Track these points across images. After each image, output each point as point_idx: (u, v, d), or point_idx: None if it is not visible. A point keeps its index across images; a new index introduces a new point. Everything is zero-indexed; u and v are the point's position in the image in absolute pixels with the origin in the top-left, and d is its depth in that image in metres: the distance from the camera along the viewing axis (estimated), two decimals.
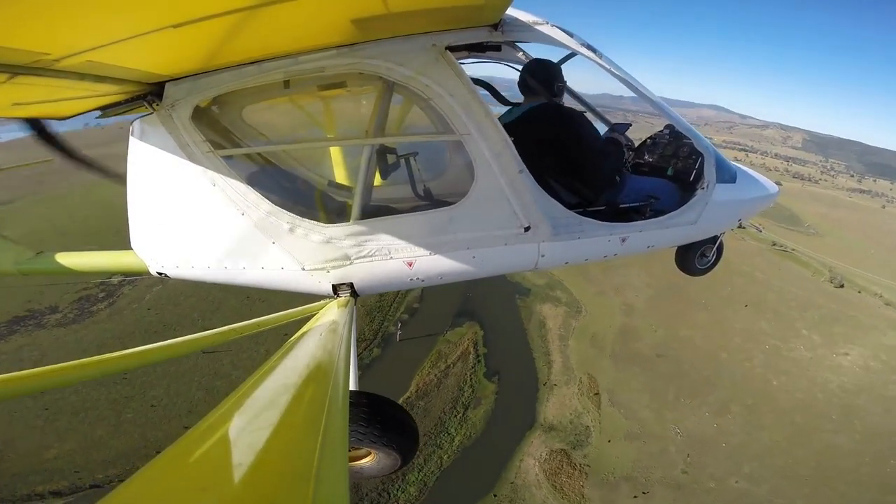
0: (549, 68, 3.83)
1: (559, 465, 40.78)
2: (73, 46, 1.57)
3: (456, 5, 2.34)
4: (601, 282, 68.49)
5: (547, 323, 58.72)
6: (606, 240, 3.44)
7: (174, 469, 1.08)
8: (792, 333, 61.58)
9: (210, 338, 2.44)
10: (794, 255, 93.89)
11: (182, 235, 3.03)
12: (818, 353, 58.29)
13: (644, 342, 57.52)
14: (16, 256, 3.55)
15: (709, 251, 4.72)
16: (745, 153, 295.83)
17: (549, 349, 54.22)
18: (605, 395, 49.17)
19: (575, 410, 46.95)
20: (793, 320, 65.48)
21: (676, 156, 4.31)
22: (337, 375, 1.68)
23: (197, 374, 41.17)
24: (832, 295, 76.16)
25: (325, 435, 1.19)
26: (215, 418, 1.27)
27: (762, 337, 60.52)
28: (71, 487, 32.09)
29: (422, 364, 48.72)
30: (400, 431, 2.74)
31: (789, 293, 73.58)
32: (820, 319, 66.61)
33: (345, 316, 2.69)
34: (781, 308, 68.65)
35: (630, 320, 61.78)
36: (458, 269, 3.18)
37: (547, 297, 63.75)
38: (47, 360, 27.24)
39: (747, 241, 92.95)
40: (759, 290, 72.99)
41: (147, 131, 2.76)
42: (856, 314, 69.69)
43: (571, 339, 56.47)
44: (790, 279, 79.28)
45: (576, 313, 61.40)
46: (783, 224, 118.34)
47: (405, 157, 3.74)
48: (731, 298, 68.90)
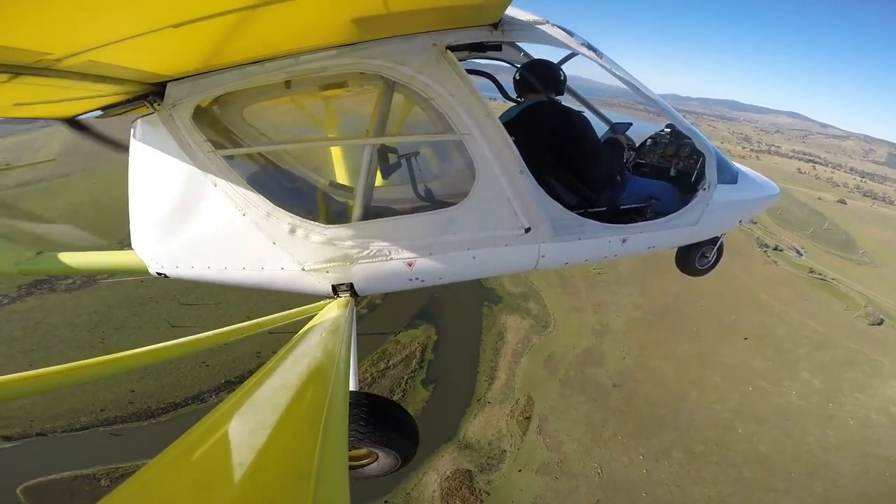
0: (546, 67, 3.84)
1: (458, 486, 37.77)
2: (75, 46, 1.58)
3: (456, 5, 2.36)
4: (583, 296, 62.83)
5: (506, 336, 53.79)
6: (607, 241, 3.44)
7: (174, 469, 1.08)
8: (788, 375, 53.18)
9: (211, 338, 2.46)
10: (832, 285, 79.65)
11: (182, 235, 3.03)
12: (811, 400, 50.26)
13: (604, 369, 51.05)
14: (16, 256, 3.56)
15: (709, 252, 4.71)
16: (813, 164, 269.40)
17: (497, 364, 49.78)
18: (536, 420, 44.52)
19: (498, 432, 43.33)
20: (796, 360, 56.13)
21: (677, 156, 4.34)
22: (337, 376, 1.68)
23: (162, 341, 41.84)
24: (861, 333, 64.35)
25: (326, 435, 1.20)
26: (215, 418, 1.28)
27: (749, 376, 52.43)
28: (21, 434, 34.51)
29: (362, 362, 45.22)
30: (400, 431, 2.74)
31: (805, 328, 63.17)
32: (831, 361, 56.94)
33: (345, 316, 2.70)
34: (787, 345, 58.77)
35: (599, 343, 54.99)
36: (458, 270, 3.20)
37: (517, 307, 58.47)
38: (47, 322, 30.84)
39: (780, 265, 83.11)
40: (770, 323, 63.16)
41: (148, 131, 2.77)
42: (882, 358, 58.38)
43: (526, 355, 51.21)
44: (813, 312, 67.99)
45: (541, 329, 55.67)
46: (832, 249, 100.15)
47: (406, 158, 3.76)
48: (732, 329, 60.34)
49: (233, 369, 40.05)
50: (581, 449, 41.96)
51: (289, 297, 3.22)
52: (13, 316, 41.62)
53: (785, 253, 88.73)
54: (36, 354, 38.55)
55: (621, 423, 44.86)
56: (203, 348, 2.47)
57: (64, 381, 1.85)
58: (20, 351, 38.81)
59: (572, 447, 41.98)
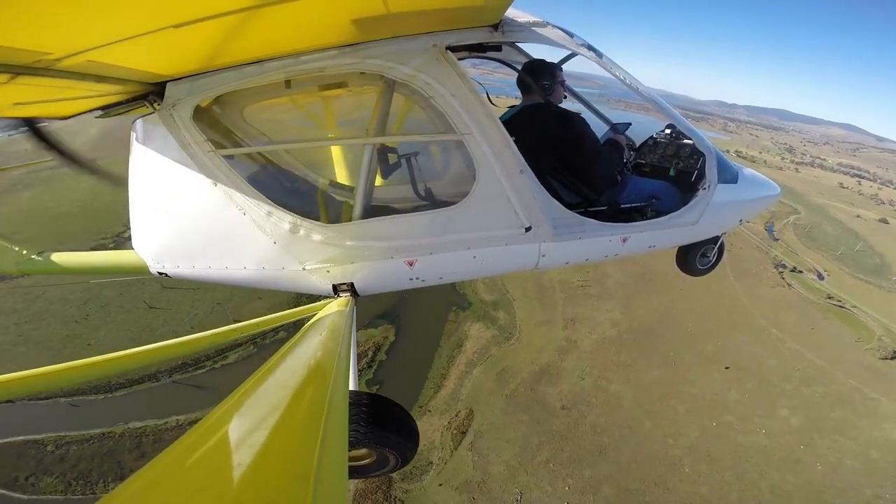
0: (544, 68, 3.85)
1: (375, 489, 36.73)
2: (75, 46, 1.58)
3: (456, 6, 2.37)
4: (557, 309, 58.78)
5: (465, 344, 51.33)
6: (607, 240, 3.46)
7: (174, 469, 1.08)
8: (764, 411, 48.45)
9: (210, 338, 2.46)
10: (850, 313, 71.54)
11: (183, 235, 3.03)
12: (780, 441, 45.21)
13: (557, 389, 47.50)
14: (16, 256, 3.56)
15: (710, 251, 4.71)
16: (858, 180, 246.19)
17: (448, 372, 47.64)
18: (471, 435, 42.14)
19: (430, 443, 41.06)
20: (778, 395, 50.97)
21: (678, 156, 4.35)
22: (337, 375, 1.69)
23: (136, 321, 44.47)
24: (867, 368, 58.24)
25: (325, 435, 1.20)
26: (215, 418, 1.28)
27: (717, 410, 47.75)
28: None
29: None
30: (400, 431, 2.74)
31: (801, 360, 57.29)
32: (819, 398, 51.59)
33: (345, 316, 2.70)
34: (774, 378, 53.41)
35: (560, 361, 51.06)
36: (458, 270, 3.21)
37: (485, 315, 55.75)
38: (45, 296, 33.24)
39: (794, 288, 76.50)
40: (761, 352, 57.45)
41: (148, 131, 2.77)
42: (881, 397, 53.24)
43: (479, 367, 48.72)
44: (816, 343, 61.53)
45: (504, 340, 52.82)
46: (861, 273, 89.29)
47: (406, 157, 3.76)
48: (713, 357, 55.11)
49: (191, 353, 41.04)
50: (507, 471, 39.58)
51: (286, 295, 3.23)
52: (18, 289, 43.68)
53: (803, 276, 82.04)
54: (27, 326, 41.38)
55: (557, 449, 41.68)
56: (202, 348, 2.48)
57: (63, 381, 1.86)
58: (15, 322, 41.45)
59: (499, 468, 39.74)
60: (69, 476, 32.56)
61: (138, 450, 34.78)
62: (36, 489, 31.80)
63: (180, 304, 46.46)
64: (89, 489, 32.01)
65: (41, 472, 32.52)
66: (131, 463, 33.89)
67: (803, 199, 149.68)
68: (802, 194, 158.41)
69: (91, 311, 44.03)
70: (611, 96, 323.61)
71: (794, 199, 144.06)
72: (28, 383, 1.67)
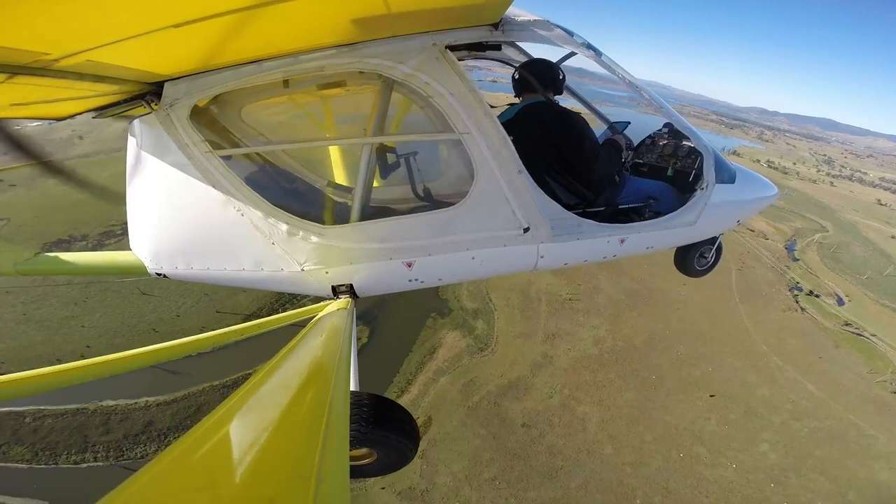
0: (543, 66, 3.85)
1: None
2: (73, 46, 1.58)
3: (456, 5, 2.36)
4: (540, 323, 55.94)
5: (438, 351, 49.77)
6: (605, 241, 3.46)
7: (174, 469, 1.08)
8: (741, 445, 44.43)
9: (211, 338, 2.48)
10: (867, 342, 65.35)
11: (180, 236, 3.02)
12: (750, 477, 41.84)
13: (522, 405, 45.35)
14: (15, 256, 3.54)
15: (708, 252, 4.71)
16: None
17: (415, 379, 46.58)
18: (424, 443, 40.03)
19: None
20: (761, 428, 46.70)
21: (676, 156, 4.35)
22: (338, 376, 1.69)
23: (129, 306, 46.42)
24: (872, 402, 53.49)
25: (327, 435, 1.20)
26: (216, 418, 1.28)
27: (689, 441, 43.89)
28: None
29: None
30: (400, 431, 2.74)
31: (797, 391, 52.50)
32: (808, 433, 47.20)
33: (345, 317, 2.70)
34: (762, 409, 49.22)
35: (531, 376, 48.66)
36: (457, 271, 3.20)
37: (463, 323, 53.76)
38: (55, 277, 31.65)
39: (807, 313, 70.41)
40: (754, 381, 53.08)
41: (146, 131, 2.76)
42: (879, 434, 48.46)
43: (447, 375, 47.05)
44: (819, 372, 56.58)
45: (478, 351, 50.68)
46: (887, 300, 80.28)
47: (405, 158, 3.75)
48: (699, 383, 51.07)
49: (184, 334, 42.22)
50: (452, 483, 38.25)
51: (289, 297, 3.21)
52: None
53: (821, 300, 75.69)
54: (32, 306, 43.28)
55: (507, 467, 39.87)
56: (203, 348, 2.47)
57: (63, 381, 1.86)
58: (22, 301, 43.36)
59: (445, 479, 38.32)
60: (38, 447, 33.89)
61: (105, 426, 35.92)
62: (6, 457, 33.12)
63: (171, 292, 47.91)
64: (52, 460, 33.36)
65: (14, 441, 33.93)
66: (96, 437, 35.03)
67: (833, 215, 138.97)
68: (834, 210, 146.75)
69: (91, 295, 45.70)
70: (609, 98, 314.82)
71: (823, 214, 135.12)
72: (28, 384, 1.69)
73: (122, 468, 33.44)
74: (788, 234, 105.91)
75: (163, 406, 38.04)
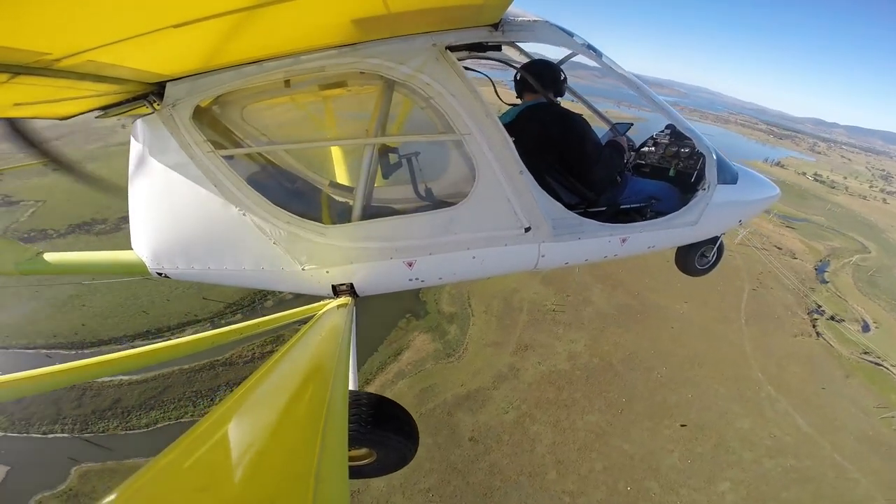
0: (545, 67, 3.86)
1: None
2: (74, 46, 1.58)
3: (456, 5, 2.36)
4: (515, 332, 52.49)
5: (404, 354, 47.59)
6: (607, 240, 3.46)
7: (174, 469, 1.08)
8: (699, 483, 40.26)
9: (211, 338, 2.47)
10: (885, 373, 59.21)
11: (182, 235, 3.02)
12: None
13: (475, 418, 42.69)
14: (16, 256, 3.54)
15: (709, 251, 4.73)
16: None
17: (373, 379, 44.65)
18: None
19: None
20: (727, 465, 42.16)
21: (678, 156, 4.37)
22: (337, 375, 1.69)
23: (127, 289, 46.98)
24: (868, 441, 48.34)
25: (326, 435, 1.20)
26: (215, 418, 1.28)
27: (642, 474, 40.20)
28: None
29: (252, 342, 43.47)
30: (400, 431, 2.74)
31: (783, 426, 47.56)
32: (779, 474, 42.51)
33: (344, 316, 2.71)
34: (735, 444, 44.26)
35: (492, 388, 45.81)
36: (458, 270, 3.21)
37: (436, 327, 51.17)
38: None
39: (824, 339, 63.62)
40: (736, 411, 48.07)
41: (148, 131, 2.77)
42: (863, 478, 43.59)
43: (407, 379, 44.96)
44: (815, 405, 51.42)
45: (446, 356, 48.08)
46: None
47: (406, 158, 3.76)
48: (674, 410, 46.65)
49: (171, 318, 44.25)
50: (386, 490, 36.52)
51: (288, 297, 3.16)
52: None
53: (843, 325, 67.76)
54: (35, 289, 43.67)
55: (445, 480, 37.93)
56: (203, 348, 2.47)
57: (64, 381, 1.86)
58: (26, 285, 43.04)
59: (379, 484, 36.51)
60: (16, 416, 35.01)
61: (79, 400, 36.53)
62: None
63: (168, 281, 48.76)
64: (25, 430, 34.45)
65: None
66: (68, 410, 35.65)
67: (880, 235, 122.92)
68: (882, 230, 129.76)
69: (97, 276, 46.08)
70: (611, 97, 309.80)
71: (868, 234, 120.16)
72: (29, 384, 1.69)
73: (83, 440, 34.00)
74: (823, 253, 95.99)
75: (133, 385, 38.21)
